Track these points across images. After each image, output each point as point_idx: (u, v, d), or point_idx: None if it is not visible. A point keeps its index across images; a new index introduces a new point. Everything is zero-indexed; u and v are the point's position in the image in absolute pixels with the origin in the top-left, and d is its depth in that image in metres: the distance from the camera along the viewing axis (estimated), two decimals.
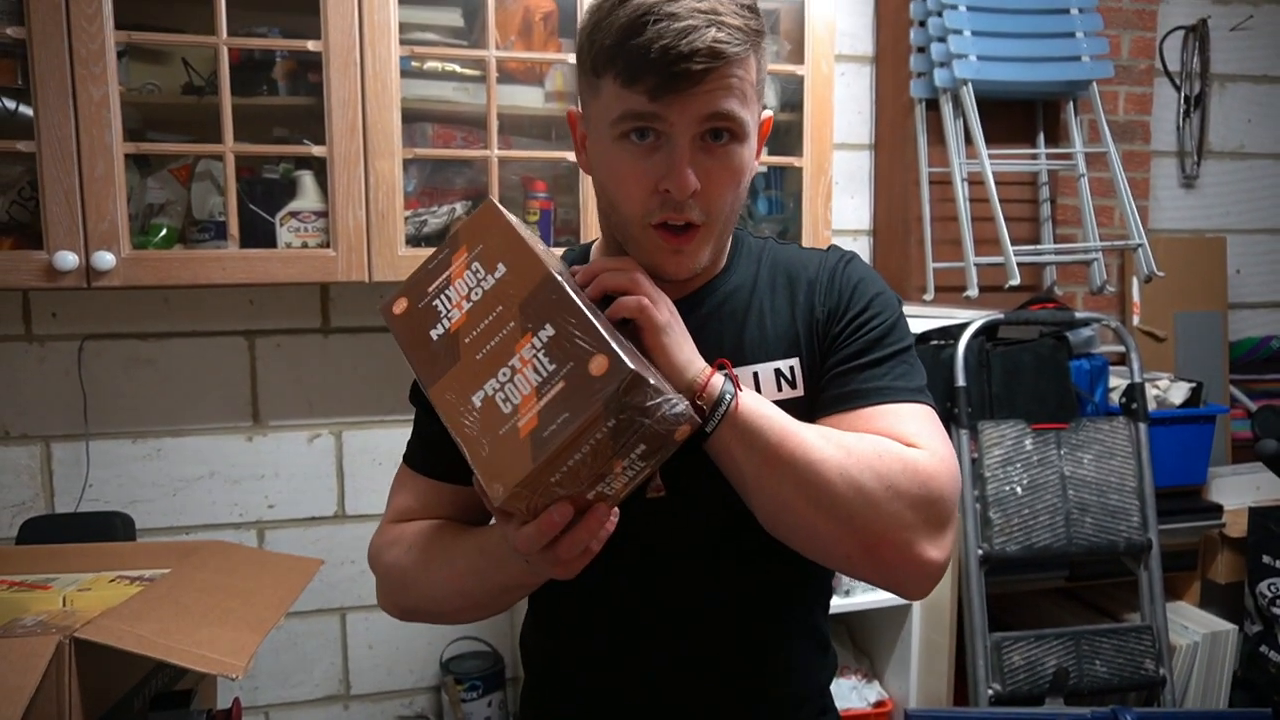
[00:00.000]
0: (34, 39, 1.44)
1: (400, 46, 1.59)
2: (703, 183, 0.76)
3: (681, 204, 0.77)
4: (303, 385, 1.93)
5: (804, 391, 0.84)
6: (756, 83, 0.78)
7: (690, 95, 0.73)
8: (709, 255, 0.82)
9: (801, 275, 0.87)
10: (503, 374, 0.66)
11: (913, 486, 0.74)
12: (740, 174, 0.79)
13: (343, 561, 1.98)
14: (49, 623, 1.17)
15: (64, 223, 1.48)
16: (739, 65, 0.74)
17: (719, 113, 0.75)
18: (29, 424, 1.81)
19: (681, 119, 0.74)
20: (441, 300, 0.74)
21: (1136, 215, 2.09)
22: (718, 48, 0.72)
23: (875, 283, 0.87)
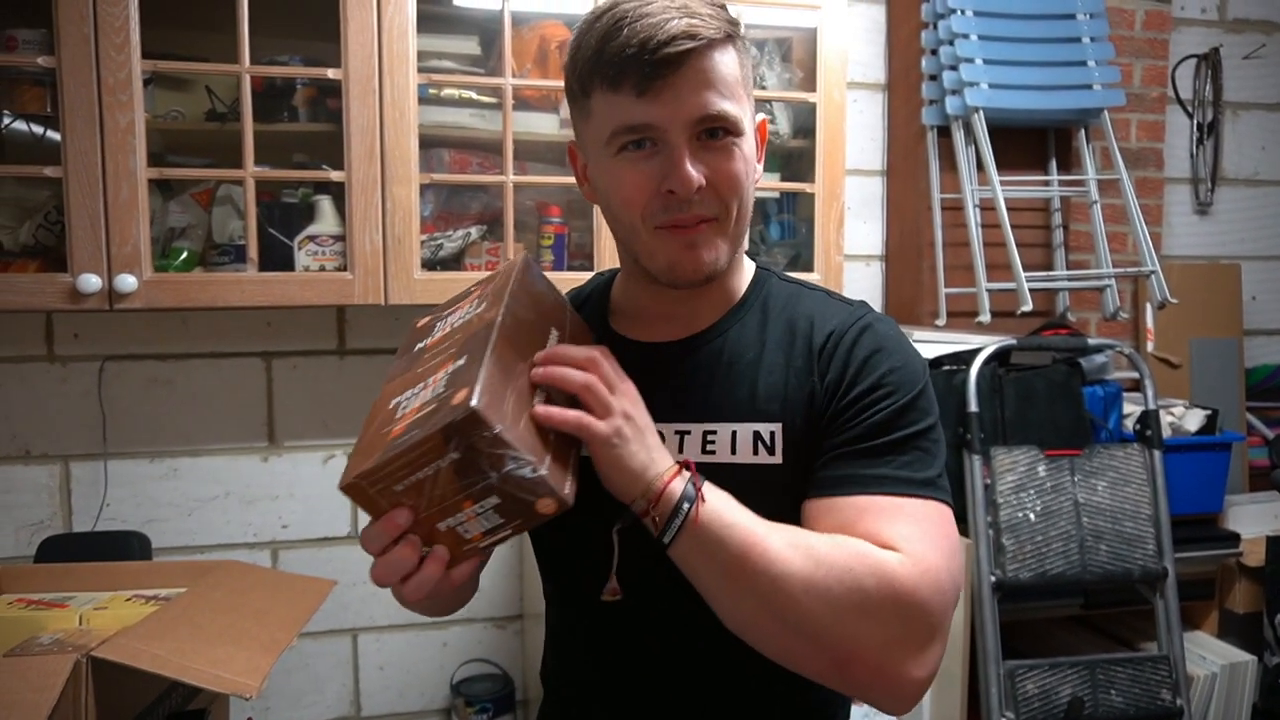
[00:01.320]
0: (64, 68, 1.48)
1: (418, 74, 1.62)
2: (708, 178, 0.75)
3: (687, 203, 0.75)
4: (318, 406, 1.95)
5: (782, 459, 0.78)
6: (746, 79, 0.78)
7: (676, 89, 0.73)
8: (726, 255, 0.79)
9: (812, 334, 0.81)
10: (419, 386, 0.71)
11: (887, 601, 0.68)
12: (745, 168, 0.77)
13: (355, 582, 1.98)
14: (66, 641, 1.18)
15: (88, 246, 1.51)
16: (720, 56, 0.74)
17: (710, 114, 0.74)
18: (49, 444, 1.83)
19: (674, 121, 0.74)
20: (440, 323, 0.81)
21: (1150, 242, 2.09)
22: (693, 28, 0.72)
23: (892, 354, 0.79)
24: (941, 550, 0.73)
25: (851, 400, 0.77)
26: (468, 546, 0.67)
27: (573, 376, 0.70)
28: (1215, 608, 2.16)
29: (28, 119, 1.63)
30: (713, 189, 0.76)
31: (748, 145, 0.78)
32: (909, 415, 0.77)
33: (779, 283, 0.87)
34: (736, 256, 0.84)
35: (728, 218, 0.78)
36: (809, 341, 0.81)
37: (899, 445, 0.76)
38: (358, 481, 0.64)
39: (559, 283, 0.89)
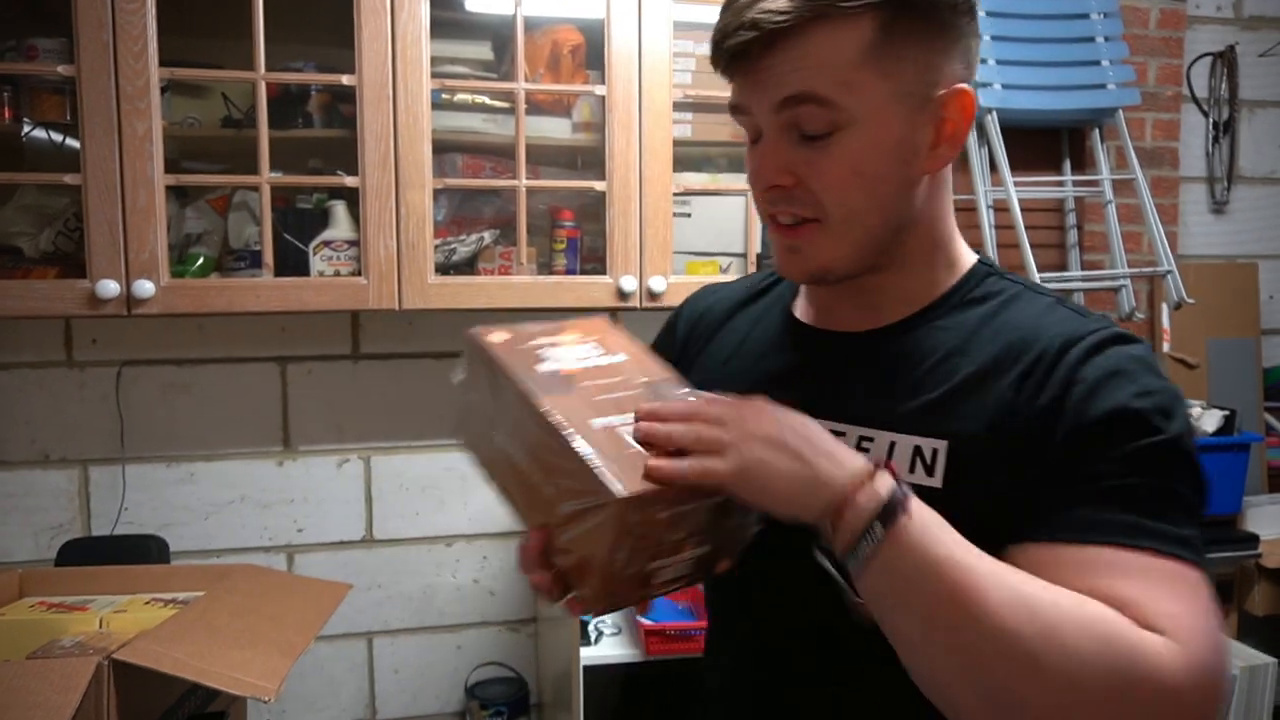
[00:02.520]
0: (83, 77, 1.49)
1: (431, 80, 1.63)
2: (804, 177, 0.67)
3: (783, 198, 0.68)
4: (332, 411, 1.96)
5: (941, 483, 0.66)
6: (872, 56, 0.64)
7: (755, 75, 0.66)
8: (846, 259, 0.70)
9: (1026, 343, 0.67)
10: (627, 418, 0.64)
11: (1146, 702, 0.53)
12: (852, 170, 0.66)
13: (370, 586, 1.99)
14: (86, 644, 1.19)
15: (106, 253, 1.52)
16: (827, 38, 0.63)
17: (789, 97, 0.65)
18: (68, 448, 1.85)
19: (759, 106, 0.67)
20: (548, 352, 0.73)
21: (1165, 241, 2.08)
22: (759, 18, 0.63)
23: (1140, 378, 0.63)
24: (1214, 638, 0.56)
25: (1084, 429, 0.61)
26: (643, 592, 0.65)
27: (675, 431, 0.61)
28: (1234, 610, 2.14)
29: (47, 127, 1.65)
30: (810, 191, 0.67)
31: (865, 137, 0.65)
32: (1172, 457, 0.61)
33: (998, 281, 0.74)
34: (905, 252, 0.72)
35: (831, 219, 0.68)
36: (1017, 351, 0.67)
37: (1158, 493, 0.60)
38: (633, 501, 0.58)
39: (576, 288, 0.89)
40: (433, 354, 1.99)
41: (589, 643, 1.64)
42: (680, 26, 1.74)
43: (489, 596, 2.07)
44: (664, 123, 1.71)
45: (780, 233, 0.71)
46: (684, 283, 1.76)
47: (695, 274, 1.82)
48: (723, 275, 1.84)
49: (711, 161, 1.91)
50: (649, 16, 1.69)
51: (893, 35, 0.64)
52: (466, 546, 2.04)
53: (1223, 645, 0.57)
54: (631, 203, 1.71)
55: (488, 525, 2.05)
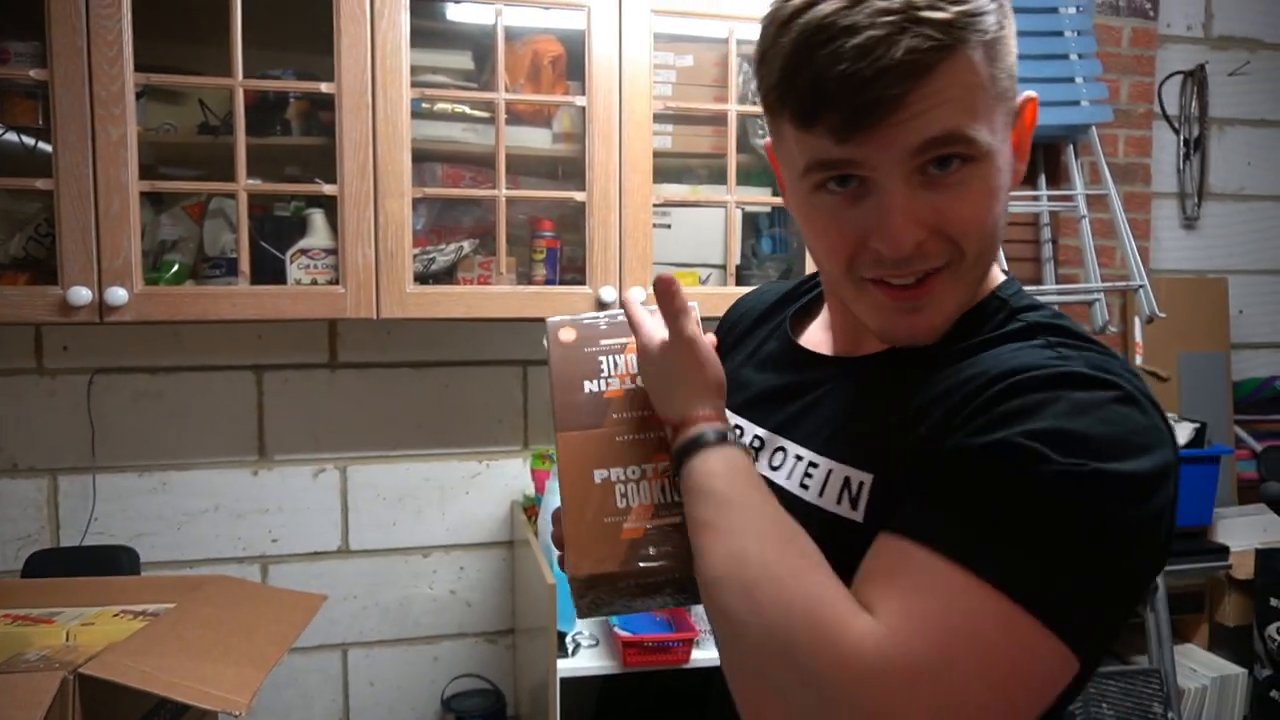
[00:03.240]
0: (56, 81, 1.48)
1: (411, 89, 1.63)
2: (936, 221, 0.59)
3: (917, 256, 0.60)
4: (309, 420, 1.95)
5: (863, 518, 0.62)
6: (992, 77, 0.58)
7: (889, 127, 0.56)
8: (958, 307, 0.64)
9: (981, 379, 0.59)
10: (632, 471, 0.70)
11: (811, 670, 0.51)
12: (988, 201, 0.60)
13: (345, 597, 1.97)
14: (52, 658, 1.17)
15: (79, 259, 1.50)
16: (956, 69, 0.56)
17: (935, 138, 0.57)
18: (37, 457, 1.82)
19: (886, 158, 0.58)
20: (607, 360, 0.76)
21: (1138, 256, 2.11)
22: (915, 59, 0.54)
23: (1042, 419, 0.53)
24: (952, 657, 0.49)
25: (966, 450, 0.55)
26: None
27: None
28: (1205, 621, 2.17)
29: (19, 131, 1.63)
30: (940, 233, 0.60)
31: (995, 165, 0.60)
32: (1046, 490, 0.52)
33: (1010, 320, 0.65)
34: None
35: (962, 262, 0.61)
36: (971, 386, 0.59)
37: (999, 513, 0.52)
38: (593, 579, 0.67)
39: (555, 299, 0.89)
40: (410, 363, 1.98)
41: (566, 654, 1.64)
42: (661, 38, 1.75)
43: (466, 608, 2.05)
44: (644, 134, 1.71)
45: (894, 296, 0.62)
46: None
47: None
48: (702, 286, 1.84)
49: (692, 173, 1.92)
50: (629, 28, 1.70)
51: (995, 56, 0.59)
52: (444, 557, 2.03)
53: (949, 660, 0.49)
54: (611, 213, 1.71)
55: (465, 536, 2.04)
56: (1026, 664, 0.51)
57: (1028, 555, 0.51)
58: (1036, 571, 0.51)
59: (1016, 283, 0.70)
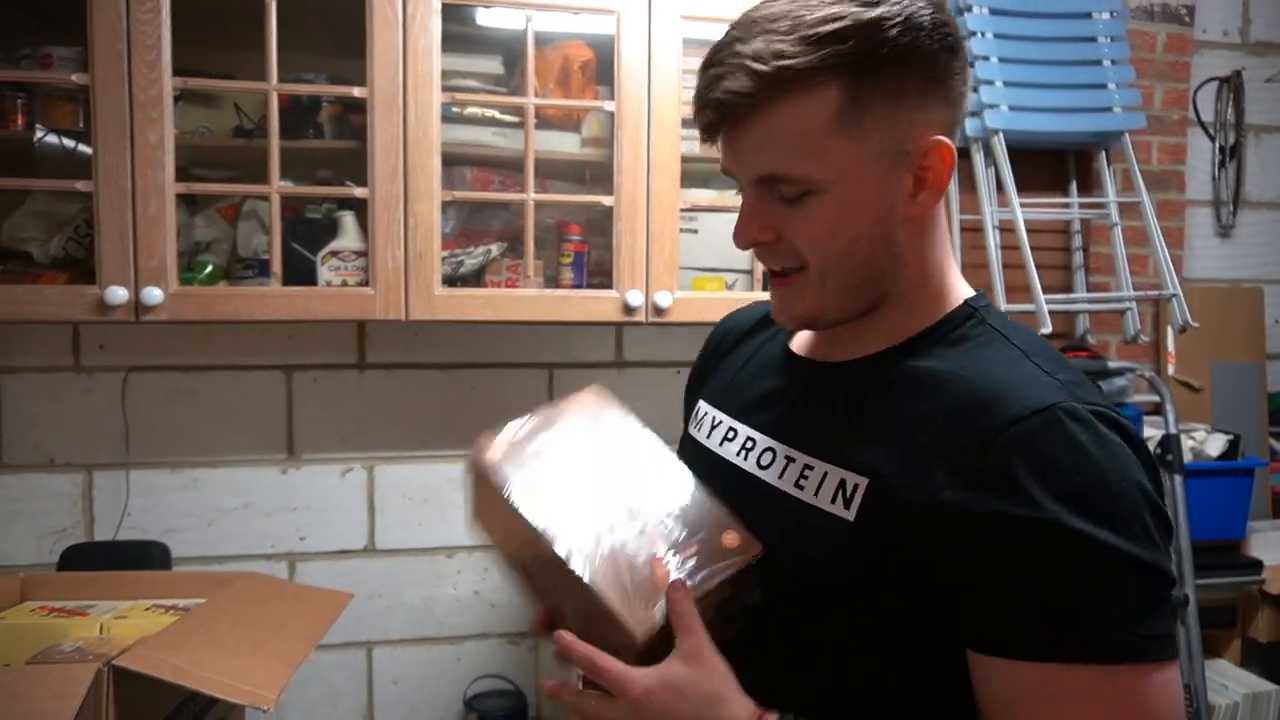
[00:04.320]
0: (97, 85, 1.51)
1: (442, 93, 1.64)
2: (785, 234, 0.69)
3: (767, 252, 0.72)
4: (337, 420, 1.97)
5: (854, 517, 0.68)
6: (841, 123, 0.64)
7: (731, 147, 0.68)
8: (835, 306, 0.72)
9: (971, 409, 0.65)
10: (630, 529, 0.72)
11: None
12: (827, 230, 0.68)
13: (371, 595, 1.99)
14: (86, 649, 1.20)
15: (116, 259, 1.53)
16: (780, 110, 0.64)
17: (764, 176, 0.68)
18: (73, 452, 1.85)
19: (738, 171, 0.70)
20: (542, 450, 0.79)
21: (1170, 265, 2.08)
22: (722, 98, 0.65)
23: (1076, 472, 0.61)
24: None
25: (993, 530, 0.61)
26: None
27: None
28: (1237, 636, 2.13)
29: (60, 134, 1.66)
30: (791, 246, 0.70)
31: (839, 198, 0.67)
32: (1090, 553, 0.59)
33: (976, 326, 0.73)
34: (895, 290, 0.73)
35: (816, 270, 0.70)
36: (953, 407, 0.66)
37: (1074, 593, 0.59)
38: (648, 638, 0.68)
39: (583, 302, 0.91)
40: (438, 365, 2.00)
41: None
42: (690, 44, 1.75)
43: (489, 609, 2.06)
44: (672, 139, 1.72)
45: (773, 282, 0.74)
46: (690, 298, 1.76)
47: (701, 290, 1.82)
48: (728, 292, 1.84)
49: (719, 178, 1.91)
50: (659, 33, 1.70)
51: (860, 100, 0.64)
52: (468, 558, 2.04)
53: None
54: (639, 218, 1.72)
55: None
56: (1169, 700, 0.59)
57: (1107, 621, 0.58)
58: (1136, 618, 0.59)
59: (986, 297, 0.77)
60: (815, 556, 0.70)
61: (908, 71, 0.65)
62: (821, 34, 0.63)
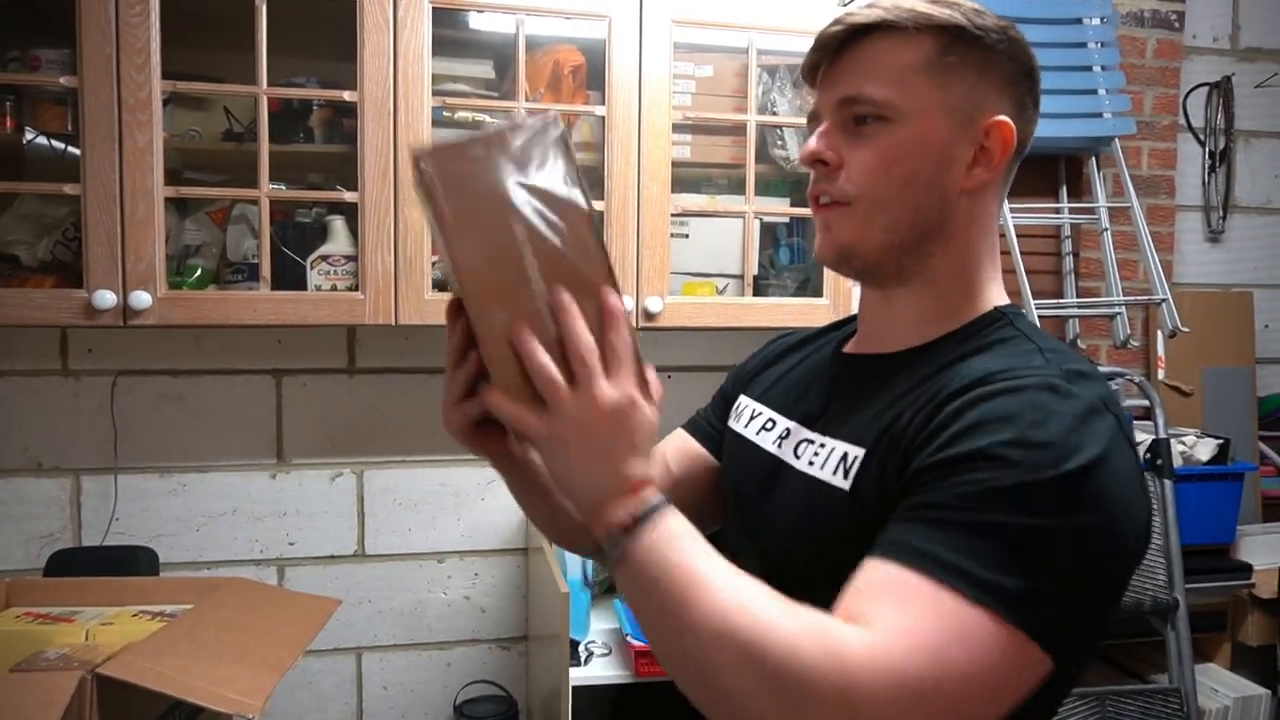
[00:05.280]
0: (85, 88, 1.50)
1: (432, 97, 1.64)
2: (841, 158, 0.74)
3: (823, 177, 0.76)
4: (327, 424, 1.96)
5: (849, 487, 0.71)
6: (928, 69, 0.72)
7: (829, 77, 0.76)
8: (873, 246, 0.75)
9: (955, 378, 0.68)
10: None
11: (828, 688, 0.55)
12: (887, 156, 0.73)
13: (361, 601, 1.98)
14: (71, 656, 1.19)
15: (104, 263, 1.53)
16: (881, 44, 0.73)
17: (849, 97, 0.74)
18: (61, 457, 1.84)
19: (826, 103, 0.76)
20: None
21: (1160, 270, 2.09)
22: (848, 20, 0.74)
23: (1021, 424, 0.61)
24: (931, 658, 0.55)
25: (942, 461, 0.62)
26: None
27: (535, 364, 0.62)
28: (1227, 640, 2.13)
29: (49, 136, 1.66)
30: (847, 174, 0.74)
31: (905, 131, 0.72)
32: (1013, 501, 0.59)
33: (1004, 329, 0.75)
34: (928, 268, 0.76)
35: (859, 204, 0.74)
36: (945, 383, 0.68)
37: (978, 529, 0.59)
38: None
39: None
40: (428, 369, 1.99)
41: (579, 663, 1.63)
42: (680, 48, 1.75)
43: (480, 614, 2.06)
44: (663, 143, 1.72)
45: (817, 211, 0.78)
46: (681, 303, 1.76)
47: (692, 295, 1.82)
48: (719, 297, 1.84)
49: (710, 183, 1.92)
50: (650, 38, 1.70)
51: (949, 55, 0.73)
52: (458, 563, 2.04)
53: (931, 664, 0.55)
54: (629, 223, 1.72)
55: (480, 542, 2.04)
56: (1005, 665, 0.57)
57: (1020, 574, 0.58)
58: (1024, 588, 0.58)
59: (1018, 308, 0.78)
60: (818, 527, 0.73)
61: (993, 60, 0.74)
62: (937, 4, 0.74)
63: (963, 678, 0.56)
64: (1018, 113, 0.75)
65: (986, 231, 0.77)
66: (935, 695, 0.55)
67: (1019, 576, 0.58)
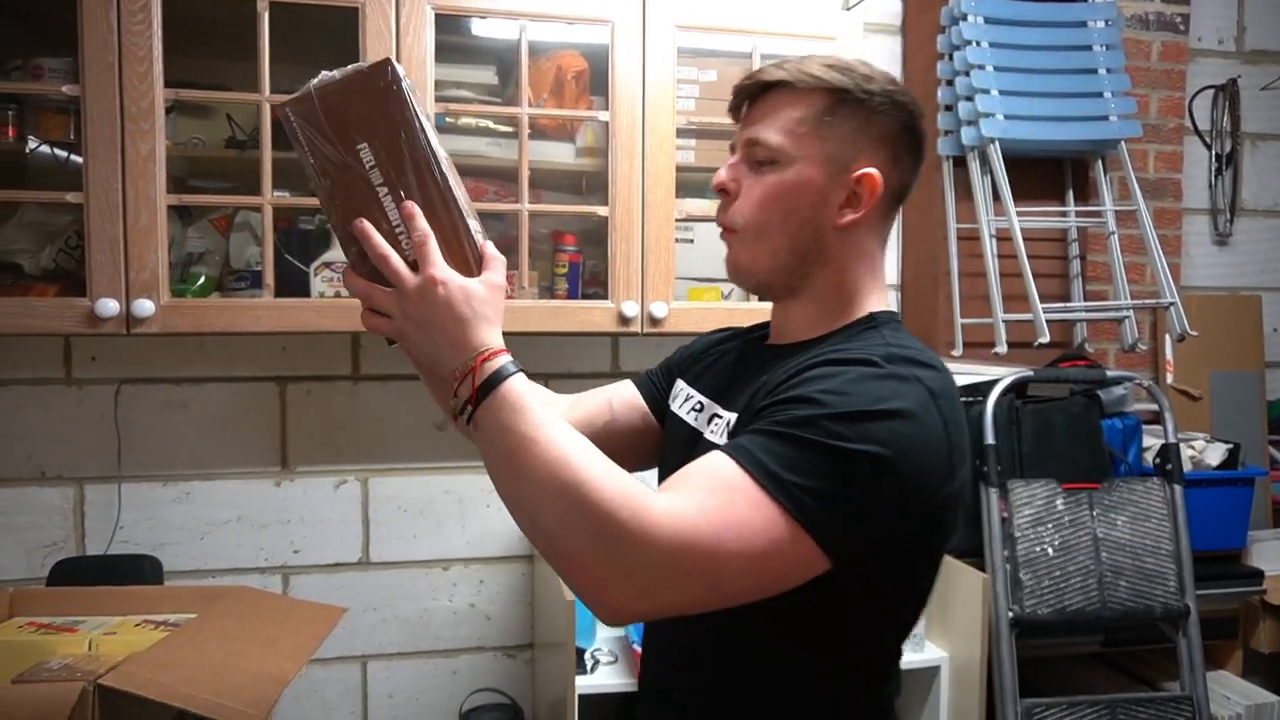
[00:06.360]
0: (88, 96, 1.50)
1: (436, 103, 1.64)
2: (741, 193, 0.89)
3: (724, 205, 0.90)
4: (331, 431, 1.95)
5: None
6: (813, 123, 0.86)
7: (748, 117, 0.90)
8: (763, 269, 0.89)
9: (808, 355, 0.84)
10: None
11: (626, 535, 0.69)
12: (771, 193, 0.87)
13: (365, 609, 1.97)
14: (74, 667, 1.18)
15: (107, 271, 1.52)
16: (782, 98, 0.87)
17: (752, 139, 0.88)
18: (64, 465, 1.84)
19: (740, 138, 0.91)
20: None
21: (1168, 273, 2.07)
22: (759, 76, 0.89)
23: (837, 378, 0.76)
24: (715, 524, 0.70)
25: (775, 400, 0.78)
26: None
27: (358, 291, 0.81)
28: (1239, 647, 2.11)
29: (51, 145, 1.65)
30: (739, 201, 0.89)
31: (790, 175, 0.86)
32: (818, 425, 0.73)
33: (867, 331, 0.88)
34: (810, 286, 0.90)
35: (748, 229, 0.88)
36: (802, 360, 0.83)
37: (785, 438, 0.73)
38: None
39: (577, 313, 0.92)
40: None
41: (585, 671, 1.62)
42: (684, 53, 1.75)
43: (485, 621, 2.05)
44: (667, 148, 1.71)
45: (723, 235, 0.92)
46: (686, 308, 1.75)
47: (698, 300, 1.81)
48: (724, 301, 1.83)
49: None
50: (653, 43, 1.70)
51: (832, 114, 0.86)
52: (463, 570, 2.03)
53: (714, 531, 0.70)
54: (634, 228, 1.71)
55: (485, 549, 2.03)
56: (777, 550, 0.72)
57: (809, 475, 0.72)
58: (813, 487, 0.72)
59: (894, 315, 0.91)
60: None
61: (874, 119, 0.87)
62: (832, 65, 0.87)
63: (740, 550, 0.70)
64: (891, 164, 0.88)
65: (864, 255, 0.90)
66: (713, 561, 0.70)
67: (808, 479, 0.71)
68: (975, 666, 1.73)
